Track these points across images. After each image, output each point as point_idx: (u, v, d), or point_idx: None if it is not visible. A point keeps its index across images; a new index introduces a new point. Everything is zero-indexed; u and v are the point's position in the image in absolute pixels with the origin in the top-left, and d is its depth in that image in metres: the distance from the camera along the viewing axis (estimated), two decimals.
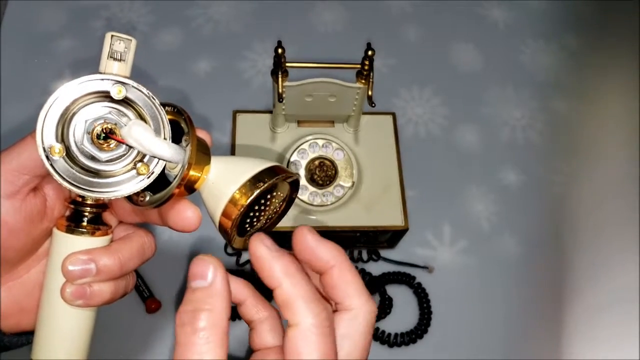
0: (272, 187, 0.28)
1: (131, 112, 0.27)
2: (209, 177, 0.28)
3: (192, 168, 0.27)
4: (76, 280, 0.27)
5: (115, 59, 0.26)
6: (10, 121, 0.67)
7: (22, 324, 0.30)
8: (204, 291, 0.24)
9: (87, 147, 0.25)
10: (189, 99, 0.71)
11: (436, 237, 0.64)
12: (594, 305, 0.61)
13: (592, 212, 0.67)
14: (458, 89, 0.75)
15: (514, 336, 0.60)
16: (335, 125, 0.57)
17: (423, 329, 0.58)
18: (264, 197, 0.28)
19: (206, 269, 0.24)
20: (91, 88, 0.25)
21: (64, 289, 0.27)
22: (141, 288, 0.58)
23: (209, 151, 0.29)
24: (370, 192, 0.55)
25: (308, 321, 0.23)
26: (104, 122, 0.26)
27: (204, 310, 0.23)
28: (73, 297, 0.27)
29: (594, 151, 0.72)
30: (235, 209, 0.27)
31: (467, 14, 0.81)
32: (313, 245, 0.25)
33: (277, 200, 0.30)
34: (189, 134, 0.27)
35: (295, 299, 0.23)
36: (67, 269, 0.26)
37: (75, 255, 0.27)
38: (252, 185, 0.27)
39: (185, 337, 0.23)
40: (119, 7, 0.77)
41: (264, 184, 0.27)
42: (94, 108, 0.26)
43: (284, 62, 0.47)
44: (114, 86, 0.26)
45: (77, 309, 0.28)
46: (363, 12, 0.80)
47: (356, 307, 0.24)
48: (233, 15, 0.78)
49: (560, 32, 0.81)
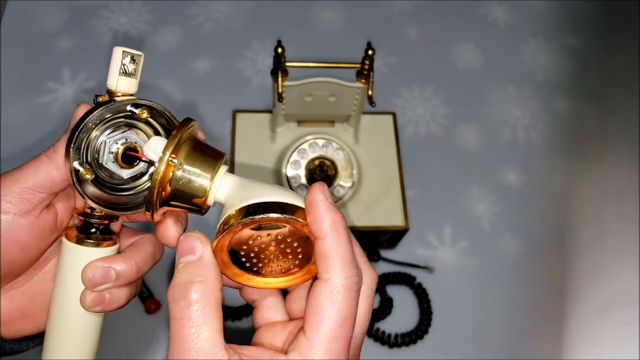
0: (289, 234, 0.25)
1: (149, 129, 0.28)
2: (213, 187, 0.26)
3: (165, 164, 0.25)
4: (97, 287, 0.27)
5: (126, 74, 0.26)
6: (10, 121, 0.66)
7: (25, 330, 0.30)
8: (193, 264, 0.24)
9: (110, 167, 0.27)
10: (188, 98, 0.70)
11: (437, 238, 0.64)
12: (594, 305, 0.61)
13: (593, 212, 0.67)
14: (458, 89, 0.74)
15: (515, 337, 0.59)
16: (335, 125, 0.57)
17: (423, 330, 0.58)
18: (272, 237, 0.25)
19: (194, 244, 0.24)
20: (113, 110, 0.26)
21: (84, 296, 0.27)
22: (140, 288, 0.57)
23: (215, 155, 0.27)
24: (371, 192, 0.55)
25: (339, 280, 0.23)
26: (126, 142, 0.27)
27: (196, 282, 0.23)
28: (93, 303, 0.28)
29: (595, 151, 0.71)
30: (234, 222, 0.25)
31: (468, 14, 0.81)
32: (321, 207, 0.24)
33: (294, 252, 0.26)
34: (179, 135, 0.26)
35: (334, 255, 0.23)
36: (88, 277, 0.27)
37: (95, 263, 0.27)
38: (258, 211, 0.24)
39: (180, 311, 0.23)
40: (118, 6, 0.77)
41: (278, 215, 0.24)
42: (116, 129, 0.27)
43: (283, 62, 0.47)
44: (139, 109, 0.27)
45: (91, 314, 0.29)
46: (363, 11, 0.80)
47: (332, 278, 0.24)
48: (233, 15, 0.78)
49: (561, 32, 0.81)
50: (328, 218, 0.24)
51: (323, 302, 0.23)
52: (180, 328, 0.23)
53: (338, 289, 0.23)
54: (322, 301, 0.23)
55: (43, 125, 0.67)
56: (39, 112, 0.68)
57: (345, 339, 0.23)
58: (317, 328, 0.23)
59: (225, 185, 0.26)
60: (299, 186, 0.54)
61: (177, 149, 0.25)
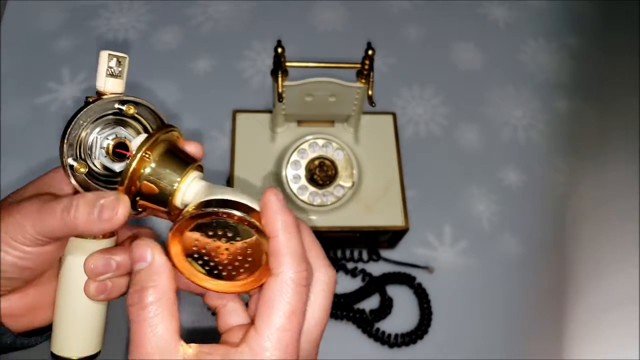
0: (240, 232, 0.26)
1: (139, 125, 0.30)
2: (181, 187, 0.27)
3: (143, 161, 0.27)
4: (99, 277, 0.29)
5: (113, 75, 0.28)
6: (10, 121, 0.66)
7: (35, 322, 0.32)
8: (146, 271, 0.26)
9: (103, 162, 0.29)
10: (188, 98, 0.70)
11: (437, 238, 0.64)
12: (595, 305, 0.61)
13: (594, 212, 0.67)
14: (459, 89, 0.74)
15: (515, 337, 0.59)
16: (335, 125, 0.57)
17: (423, 330, 0.58)
18: (224, 234, 0.26)
19: (144, 251, 0.26)
20: (104, 108, 0.29)
21: (88, 286, 0.29)
22: None
23: (188, 160, 0.28)
24: (371, 192, 0.55)
25: (289, 274, 0.25)
26: (116, 137, 0.29)
27: (149, 287, 0.25)
28: (97, 292, 0.29)
29: (596, 151, 0.71)
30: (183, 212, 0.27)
31: (468, 13, 0.81)
32: (274, 208, 0.26)
33: (246, 257, 0.27)
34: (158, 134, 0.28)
35: (284, 251, 0.25)
36: (90, 267, 0.29)
37: (96, 255, 0.29)
38: (209, 205, 0.26)
39: (136, 315, 0.25)
40: (118, 6, 0.77)
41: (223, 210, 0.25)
42: (106, 125, 0.29)
43: (283, 62, 0.47)
44: (125, 105, 0.29)
45: (94, 303, 0.30)
46: (363, 11, 0.80)
47: (282, 272, 0.25)
48: (233, 14, 0.78)
49: (561, 31, 0.81)
50: (279, 218, 0.26)
51: (273, 296, 0.25)
52: (137, 329, 0.24)
53: (287, 282, 0.25)
54: (272, 295, 0.25)
55: (43, 125, 0.67)
56: (38, 112, 0.68)
57: (294, 331, 0.25)
58: (267, 320, 0.24)
59: (193, 188, 0.28)
60: (299, 187, 0.54)
61: (153, 148, 0.27)
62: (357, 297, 0.59)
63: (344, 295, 0.59)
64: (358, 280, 0.60)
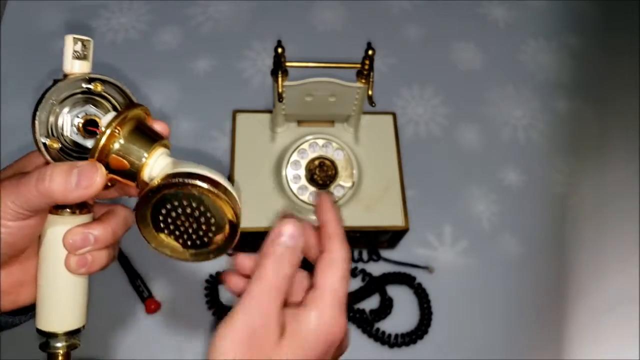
0: (201, 203, 0.28)
1: (107, 103, 0.31)
2: (149, 162, 0.29)
3: (114, 137, 0.28)
4: (78, 250, 0.30)
5: (79, 57, 0.29)
6: (10, 121, 0.66)
7: (19, 300, 0.32)
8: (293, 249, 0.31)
9: (74, 138, 0.30)
10: (188, 98, 0.70)
11: (437, 238, 0.64)
12: (595, 305, 0.61)
13: (594, 212, 0.67)
14: (459, 89, 0.74)
15: (514, 336, 0.59)
16: (336, 125, 0.57)
17: (423, 330, 0.58)
18: (186, 205, 0.28)
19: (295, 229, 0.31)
20: (73, 87, 0.30)
21: (68, 260, 0.30)
22: (141, 288, 0.57)
23: (156, 137, 0.30)
24: (371, 192, 0.55)
25: (341, 253, 0.31)
26: (86, 115, 0.30)
27: (291, 264, 0.30)
28: (77, 265, 0.30)
29: (596, 151, 0.71)
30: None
31: (468, 13, 0.81)
32: (328, 204, 0.34)
33: (210, 225, 0.29)
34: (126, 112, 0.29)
35: (338, 234, 0.32)
36: (69, 242, 0.30)
37: (74, 230, 0.30)
38: (174, 176, 0.27)
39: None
40: (118, 6, 0.77)
41: (183, 180, 0.27)
42: (76, 104, 0.30)
43: (283, 62, 0.47)
44: (93, 83, 0.30)
45: (76, 276, 0.31)
46: (363, 11, 0.80)
47: (335, 251, 0.32)
48: (233, 14, 0.78)
49: (561, 31, 0.81)
50: (331, 210, 0.33)
51: (326, 266, 0.31)
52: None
53: (338, 259, 0.31)
54: (326, 265, 0.31)
55: None
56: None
57: (345, 290, 0.31)
58: (327, 282, 0.30)
59: (160, 163, 0.29)
60: (299, 187, 0.54)
61: (122, 124, 0.29)
62: (357, 297, 0.59)
63: None
64: (358, 280, 0.60)
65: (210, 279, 0.59)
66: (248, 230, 0.52)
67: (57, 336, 0.31)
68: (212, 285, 0.58)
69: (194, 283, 0.59)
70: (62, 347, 0.31)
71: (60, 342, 0.31)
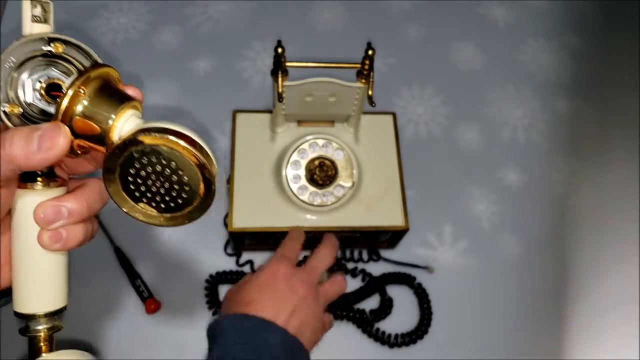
0: (173, 160, 0.26)
1: (71, 66, 0.29)
2: (117, 125, 0.27)
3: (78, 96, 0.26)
4: (50, 225, 0.28)
5: (38, 21, 0.27)
6: None
7: None
8: None
9: (38, 104, 0.28)
10: (188, 98, 0.70)
11: (437, 238, 0.64)
12: (595, 305, 0.61)
13: (594, 212, 0.67)
14: (459, 89, 0.74)
15: (515, 336, 0.59)
16: (336, 125, 0.57)
17: (423, 330, 0.58)
18: (156, 162, 0.26)
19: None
20: (31, 48, 0.27)
21: (41, 235, 0.28)
22: (141, 289, 0.57)
23: (125, 98, 0.28)
24: (371, 192, 0.55)
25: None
26: (48, 79, 0.28)
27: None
28: (51, 241, 0.28)
29: (596, 150, 0.71)
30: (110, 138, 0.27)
31: (468, 13, 0.81)
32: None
33: (183, 185, 0.27)
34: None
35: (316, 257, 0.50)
36: (40, 216, 0.28)
37: (44, 203, 0.28)
38: (145, 131, 0.25)
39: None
40: (118, 6, 0.77)
41: (156, 134, 0.25)
42: (37, 67, 0.28)
43: (283, 62, 0.47)
44: (52, 43, 0.28)
45: (51, 253, 0.29)
46: (363, 11, 0.80)
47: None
48: (232, 14, 0.78)
49: (561, 32, 0.81)
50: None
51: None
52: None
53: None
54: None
55: None
56: None
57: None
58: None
59: (131, 124, 0.27)
60: (299, 187, 0.54)
61: (86, 84, 0.26)
62: (357, 297, 0.59)
63: (344, 295, 0.59)
64: (358, 280, 0.60)
65: (210, 279, 0.59)
66: (249, 230, 0.52)
67: (37, 318, 0.29)
68: (212, 285, 0.58)
69: (194, 283, 0.59)
70: (43, 329, 0.29)
71: (40, 324, 0.29)
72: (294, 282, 0.46)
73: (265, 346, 0.40)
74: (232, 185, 0.54)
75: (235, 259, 0.61)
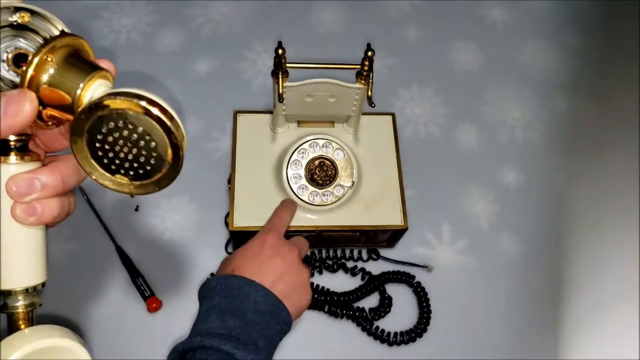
0: (140, 125, 0.26)
1: (38, 37, 0.28)
2: (86, 94, 0.26)
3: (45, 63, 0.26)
4: (23, 197, 0.28)
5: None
6: None
7: None
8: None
9: (5, 75, 0.27)
10: (189, 99, 0.71)
11: (436, 237, 0.64)
12: (593, 304, 0.62)
13: (592, 211, 0.67)
14: (458, 89, 0.75)
15: (513, 335, 0.60)
16: (335, 125, 0.58)
17: (422, 328, 0.58)
18: (126, 130, 0.26)
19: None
20: None
21: (14, 209, 0.28)
22: (142, 287, 0.58)
23: (95, 68, 0.27)
24: (370, 191, 0.56)
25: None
26: (15, 49, 0.27)
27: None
28: (25, 214, 0.28)
29: (594, 150, 0.72)
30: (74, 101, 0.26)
31: (467, 14, 0.82)
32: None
33: (151, 151, 0.27)
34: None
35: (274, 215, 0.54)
36: (12, 189, 0.28)
37: (17, 175, 0.28)
38: (113, 95, 0.25)
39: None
40: (119, 7, 0.77)
41: (121, 97, 0.25)
42: (4, 38, 0.27)
43: (284, 63, 0.47)
44: (18, 13, 0.27)
45: (27, 228, 0.29)
46: (363, 12, 0.80)
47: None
48: (233, 16, 0.78)
49: (560, 32, 0.81)
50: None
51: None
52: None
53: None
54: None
55: None
56: None
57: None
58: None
59: (99, 92, 0.26)
60: (299, 186, 0.54)
61: (53, 52, 0.26)
62: (356, 295, 0.59)
63: (343, 293, 0.59)
64: (357, 279, 0.61)
65: (211, 277, 0.59)
66: (249, 229, 0.53)
67: (14, 294, 0.29)
68: None
69: (196, 282, 0.60)
70: (21, 305, 0.29)
71: (18, 300, 0.29)
72: (281, 249, 0.48)
73: (247, 300, 0.43)
74: (233, 184, 0.54)
75: None
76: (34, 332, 0.29)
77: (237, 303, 0.43)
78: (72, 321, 0.57)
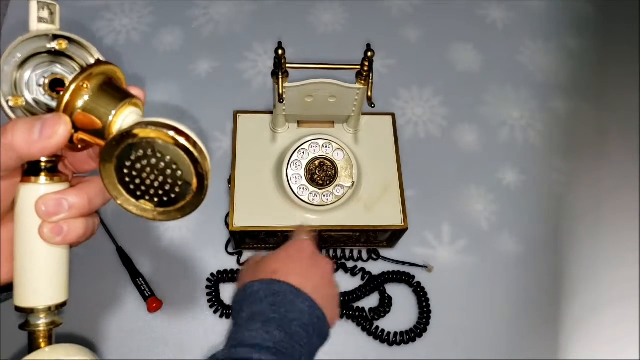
0: (168, 154, 0.27)
1: (74, 63, 0.29)
2: (117, 121, 0.27)
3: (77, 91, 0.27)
4: (51, 217, 0.29)
5: (45, 22, 0.28)
6: None
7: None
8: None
9: (41, 99, 0.29)
10: (190, 99, 0.71)
11: (435, 237, 0.64)
12: (593, 304, 0.62)
13: (592, 211, 0.67)
14: (457, 89, 0.75)
15: (513, 334, 0.60)
16: (335, 125, 0.58)
17: (422, 328, 0.58)
18: (151, 156, 0.27)
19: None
20: (36, 45, 0.28)
21: (42, 228, 0.29)
22: (142, 287, 0.58)
23: (127, 95, 0.28)
24: (370, 192, 0.56)
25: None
26: (52, 74, 0.29)
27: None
28: (52, 233, 0.29)
29: (593, 150, 0.72)
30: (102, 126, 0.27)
31: (466, 15, 0.82)
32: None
33: (177, 179, 0.28)
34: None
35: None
36: (42, 209, 0.29)
37: (46, 196, 0.29)
38: (143, 125, 0.26)
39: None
40: (119, 7, 0.78)
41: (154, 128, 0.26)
42: (41, 63, 0.29)
43: (284, 63, 0.47)
44: (56, 40, 0.28)
45: (52, 247, 0.29)
46: (363, 13, 0.80)
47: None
48: (233, 16, 0.79)
49: (559, 32, 0.81)
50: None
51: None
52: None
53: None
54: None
55: None
56: None
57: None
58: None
59: (129, 120, 0.28)
60: (299, 186, 0.54)
61: (89, 79, 0.27)
62: (356, 295, 0.59)
63: (343, 293, 0.59)
64: (357, 279, 0.61)
65: (211, 277, 0.59)
66: (249, 229, 0.53)
67: (36, 312, 0.29)
68: (214, 284, 0.59)
69: (196, 282, 0.60)
70: (42, 324, 0.29)
71: (39, 319, 0.29)
72: (318, 258, 0.46)
73: (293, 311, 0.40)
74: (233, 185, 0.54)
75: (237, 258, 0.61)
76: (54, 351, 0.30)
77: (282, 312, 0.40)
78: (72, 321, 0.57)
